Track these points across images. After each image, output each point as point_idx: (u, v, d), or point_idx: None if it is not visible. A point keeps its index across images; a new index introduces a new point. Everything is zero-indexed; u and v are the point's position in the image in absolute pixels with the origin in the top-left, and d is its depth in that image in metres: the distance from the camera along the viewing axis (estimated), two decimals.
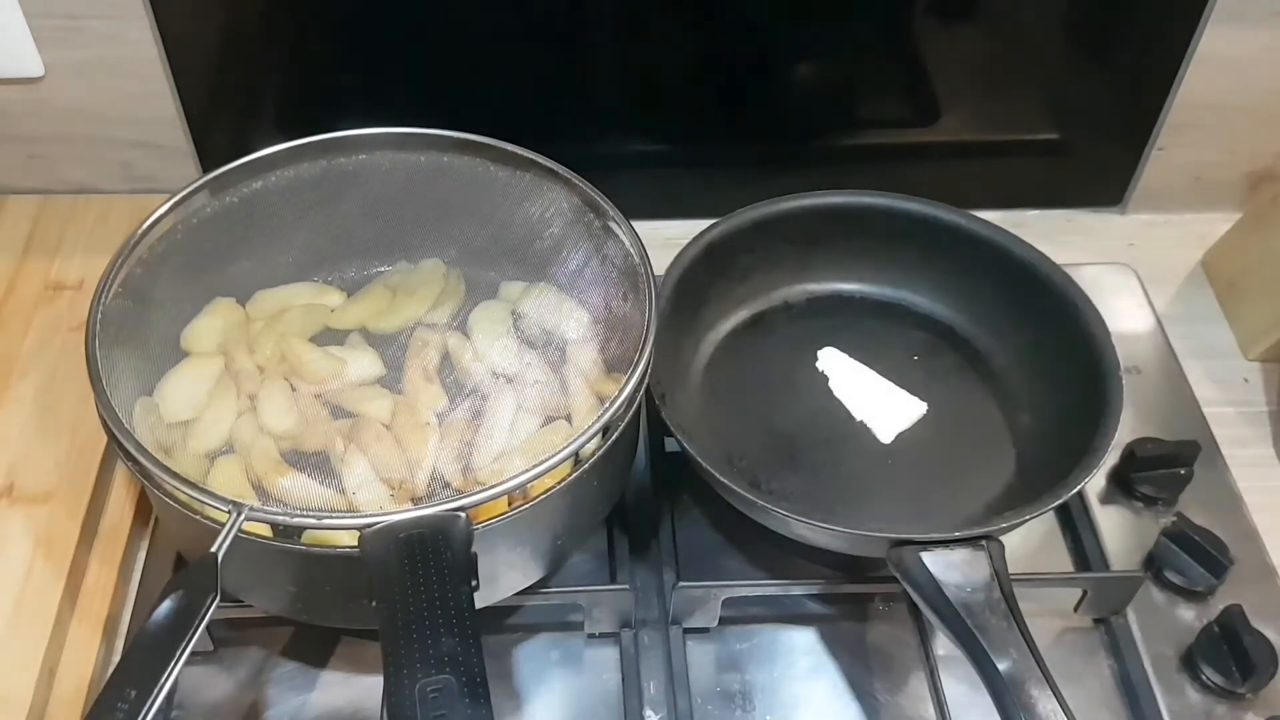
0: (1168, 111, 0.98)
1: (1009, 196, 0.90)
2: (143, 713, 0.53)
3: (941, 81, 0.97)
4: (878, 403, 0.84)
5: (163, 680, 0.54)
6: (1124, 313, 0.77)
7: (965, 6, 0.93)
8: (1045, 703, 0.61)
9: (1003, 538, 0.69)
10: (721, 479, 0.71)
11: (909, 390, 0.84)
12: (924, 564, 0.66)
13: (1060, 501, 0.70)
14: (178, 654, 0.55)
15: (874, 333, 0.88)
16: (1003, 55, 0.96)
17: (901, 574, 0.67)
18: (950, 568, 0.66)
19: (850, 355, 0.86)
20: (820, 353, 0.86)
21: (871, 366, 0.85)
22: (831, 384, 0.85)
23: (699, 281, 0.84)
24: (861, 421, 0.83)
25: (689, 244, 0.83)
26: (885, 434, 0.82)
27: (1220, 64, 0.94)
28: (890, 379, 0.85)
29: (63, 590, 0.74)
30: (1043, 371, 0.82)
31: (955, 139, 1.01)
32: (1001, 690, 0.62)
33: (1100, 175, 1.05)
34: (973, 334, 0.87)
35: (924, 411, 0.83)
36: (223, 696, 0.73)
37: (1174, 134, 0.99)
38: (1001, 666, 0.62)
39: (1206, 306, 0.98)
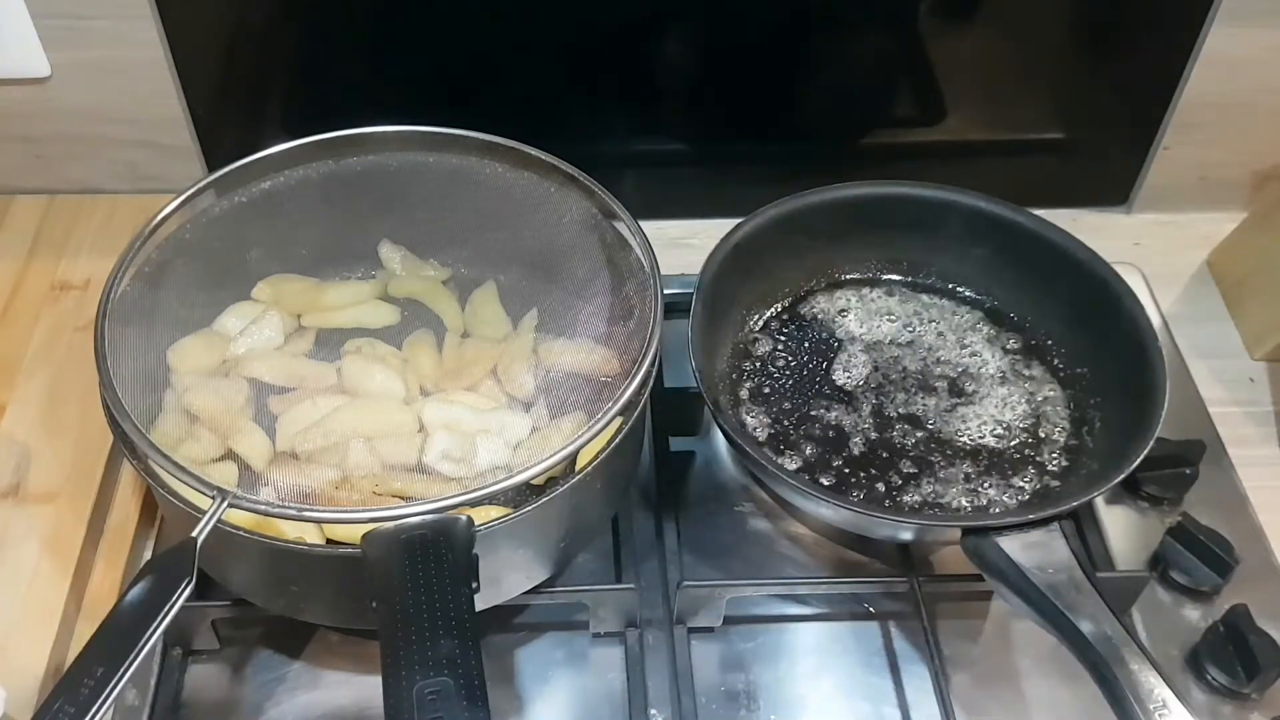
0: (1173, 111, 0.98)
1: (1014, 196, 0.90)
2: (107, 690, 0.53)
3: (947, 81, 0.97)
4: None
5: (130, 660, 0.54)
6: None
7: (971, 6, 0.93)
8: (1147, 676, 0.62)
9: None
10: (775, 472, 0.73)
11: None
12: (1002, 549, 0.67)
13: (1124, 475, 0.71)
14: (147, 635, 0.55)
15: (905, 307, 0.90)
16: (1008, 55, 0.96)
17: (980, 561, 0.69)
18: (1028, 550, 0.67)
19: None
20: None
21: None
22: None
23: (730, 282, 0.84)
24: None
25: (717, 246, 0.83)
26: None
27: (1226, 63, 0.94)
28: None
29: (69, 589, 0.74)
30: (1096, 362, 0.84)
31: (961, 138, 1.01)
32: (1104, 671, 0.63)
33: (1106, 175, 1.04)
34: (1019, 322, 0.89)
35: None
36: (228, 695, 0.74)
37: (1179, 133, 0.99)
38: (1098, 645, 0.64)
39: (1212, 306, 0.98)
